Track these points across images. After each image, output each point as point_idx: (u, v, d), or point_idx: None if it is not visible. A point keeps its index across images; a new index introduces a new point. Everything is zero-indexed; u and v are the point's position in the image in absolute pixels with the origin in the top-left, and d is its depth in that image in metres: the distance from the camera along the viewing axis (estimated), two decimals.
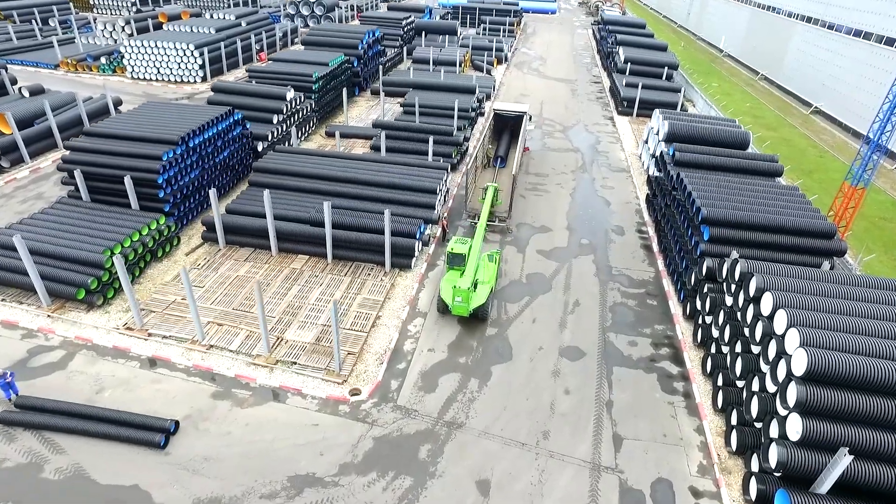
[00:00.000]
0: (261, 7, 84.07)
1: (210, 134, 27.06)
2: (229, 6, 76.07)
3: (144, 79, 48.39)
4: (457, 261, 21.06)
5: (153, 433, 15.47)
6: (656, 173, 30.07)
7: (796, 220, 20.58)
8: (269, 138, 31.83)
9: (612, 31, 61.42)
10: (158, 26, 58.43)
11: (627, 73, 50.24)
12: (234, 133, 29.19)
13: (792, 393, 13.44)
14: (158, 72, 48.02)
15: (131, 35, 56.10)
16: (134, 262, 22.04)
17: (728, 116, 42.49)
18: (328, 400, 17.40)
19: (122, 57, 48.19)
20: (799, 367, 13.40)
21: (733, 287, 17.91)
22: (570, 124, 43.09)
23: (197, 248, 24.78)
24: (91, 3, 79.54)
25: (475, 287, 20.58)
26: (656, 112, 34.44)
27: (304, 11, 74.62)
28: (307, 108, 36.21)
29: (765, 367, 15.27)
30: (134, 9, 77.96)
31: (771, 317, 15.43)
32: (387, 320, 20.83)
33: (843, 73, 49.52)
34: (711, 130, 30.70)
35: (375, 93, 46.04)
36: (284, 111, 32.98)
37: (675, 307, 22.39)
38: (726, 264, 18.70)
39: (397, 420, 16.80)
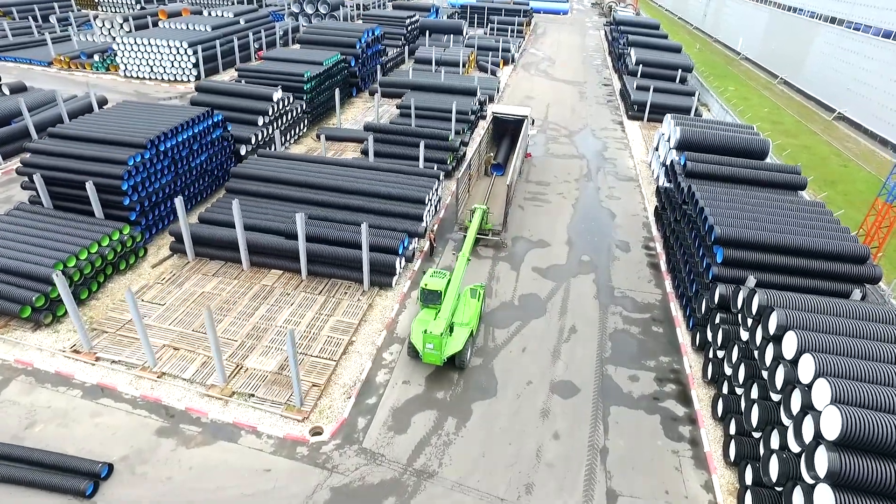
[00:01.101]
0: (266, 5, 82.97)
1: (185, 137, 25.29)
2: (232, 2, 74.72)
3: (137, 77, 47.02)
4: (431, 298, 18.12)
5: (80, 479, 13.62)
6: (666, 184, 27.76)
7: (823, 242, 18.21)
8: (253, 141, 30.03)
9: (625, 32, 58.99)
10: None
11: (639, 76, 47.82)
12: (214, 136, 27.42)
13: (822, 460, 11.19)
14: (151, 70, 46.63)
15: (129, 32, 54.85)
16: (91, 276, 20.28)
17: (745, 122, 39.97)
18: (285, 440, 15.43)
19: (116, 55, 46.92)
20: (831, 430, 11.14)
21: (750, 321, 15.63)
22: (576, 129, 40.82)
23: (165, 260, 23.00)
24: (96, 0, 78.89)
25: (451, 331, 17.67)
26: (668, 117, 32.13)
27: (309, 10, 73.03)
28: (297, 109, 34.41)
29: (787, 420, 13.02)
30: (138, 6, 77.13)
31: (794, 361, 13.17)
32: (360, 347, 18.82)
33: (870, 76, 46.63)
34: (727, 138, 28.37)
35: (374, 93, 44.13)
36: (270, 113, 31.18)
37: (684, 336, 20.11)
38: (742, 293, 16.42)
39: (360, 466, 14.78)
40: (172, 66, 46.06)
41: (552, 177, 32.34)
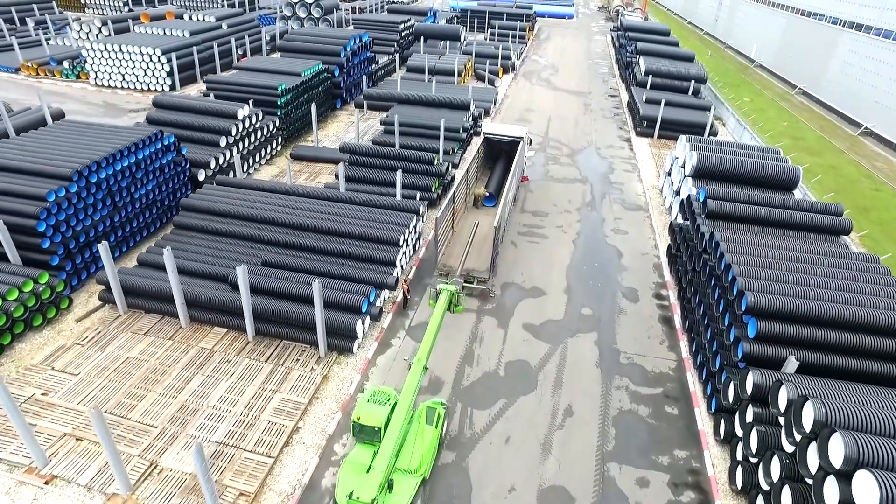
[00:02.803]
0: (259, 7, 79.96)
1: (126, 164, 21.97)
2: (223, 5, 71.60)
3: (109, 86, 43.86)
4: (367, 434, 13.13)
5: None
6: (681, 221, 24.18)
7: (884, 314, 14.61)
8: (213, 165, 26.64)
9: (633, 39, 55.35)
10: None
11: (648, 87, 44.17)
12: (164, 161, 24.07)
13: None
14: (123, 79, 43.43)
15: (108, 37, 51.74)
16: None
17: (765, 139, 36.39)
18: None
19: (86, 62, 43.79)
20: None
21: (796, 432, 12.06)
22: (579, 147, 37.23)
23: (93, 313, 19.65)
24: (83, 2, 76.14)
25: (391, 486, 12.44)
26: (682, 139, 28.57)
27: (301, 13, 69.83)
28: (269, 126, 31.03)
29: None
30: (126, 8, 74.33)
31: None
32: (307, 435, 15.36)
33: None
34: (751, 165, 24.86)
35: (360, 106, 40.77)
36: (234, 132, 27.78)
37: (704, 420, 16.52)
38: (785, 392, 12.83)
39: None
40: (145, 74, 42.86)
41: (551, 205, 28.78)
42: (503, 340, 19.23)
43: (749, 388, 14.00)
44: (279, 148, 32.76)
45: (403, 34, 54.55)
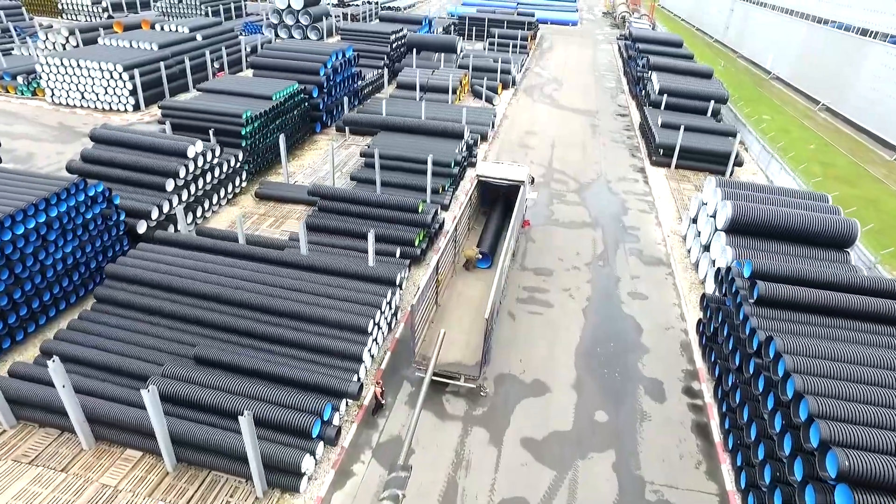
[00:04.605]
0: (246, 14, 76.11)
1: (31, 225, 17.78)
2: (207, 14, 67.41)
3: (67, 105, 39.73)
4: None
5: None
6: (715, 292, 20.02)
7: None
8: (156, 215, 22.44)
9: (643, 52, 51.11)
10: None
11: (663, 108, 39.93)
12: (88, 215, 19.89)
13: None
14: (83, 97, 39.29)
15: (76, 48, 47.61)
16: None
17: (799, 173, 32.19)
18: None
19: (40, 77, 39.68)
20: None
21: None
22: (587, 179, 33.02)
23: None
24: (59, 7, 72.12)
25: None
26: (711, 181, 24.44)
27: (289, 21, 65.76)
28: (231, 161, 26.83)
29: None
30: (105, 15, 70.38)
31: None
32: None
33: None
34: (796, 218, 20.68)
35: (341, 130, 36.59)
36: (184, 174, 23.59)
37: None
38: None
39: None
40: (106, 92, 38.73)
41: (556, 260, 24.53)
42: (496, 465, 14.99)
43: None
44: (244, 184, 28.55)
45: (394, 45, 50.35)
